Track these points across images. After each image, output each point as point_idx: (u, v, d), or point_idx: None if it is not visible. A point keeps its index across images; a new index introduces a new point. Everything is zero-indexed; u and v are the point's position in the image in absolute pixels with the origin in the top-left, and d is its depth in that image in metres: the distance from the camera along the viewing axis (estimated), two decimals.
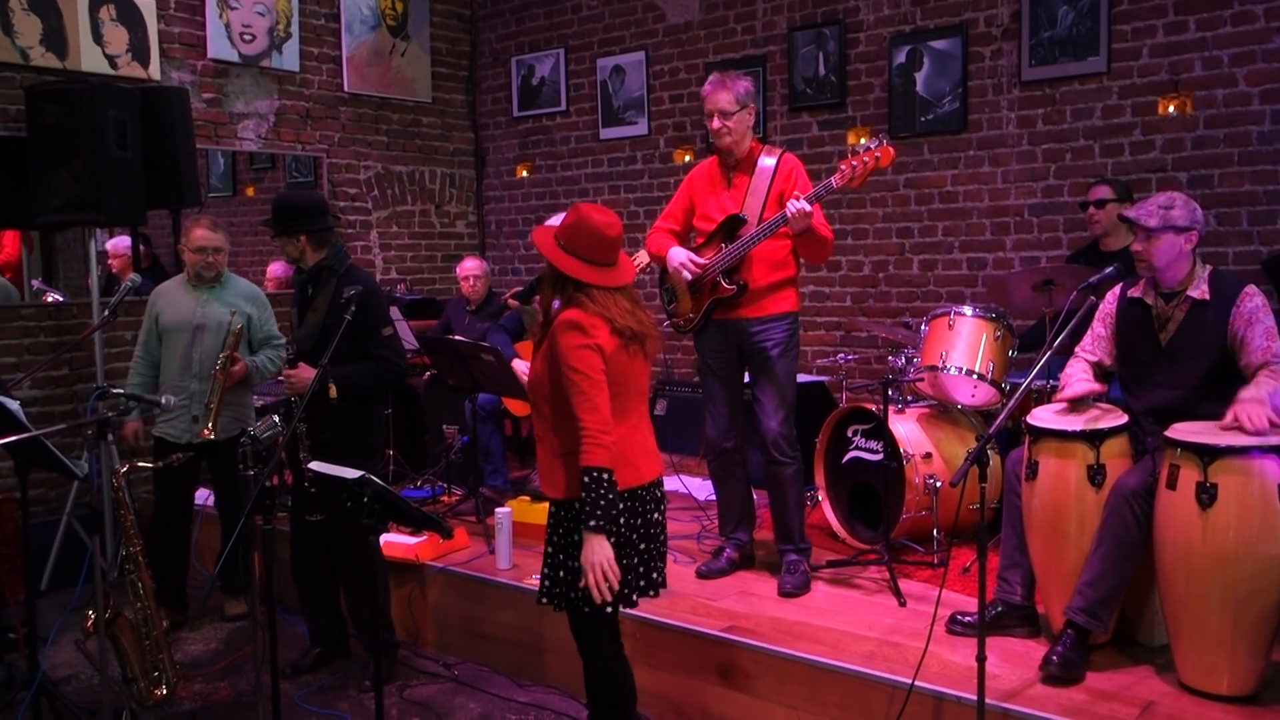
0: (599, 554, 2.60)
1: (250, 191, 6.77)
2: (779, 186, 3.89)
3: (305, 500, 3.85)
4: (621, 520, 2.73)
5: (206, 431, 4.30)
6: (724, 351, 4.04)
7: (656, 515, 2.83)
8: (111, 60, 5.68)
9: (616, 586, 2.63)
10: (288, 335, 4.18)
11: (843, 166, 3.71)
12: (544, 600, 2.86)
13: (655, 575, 2.86)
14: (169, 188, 5.17)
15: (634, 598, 2.80)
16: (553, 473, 2.80)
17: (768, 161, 3.94)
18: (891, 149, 3.67)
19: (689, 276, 3.94)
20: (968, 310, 4.33)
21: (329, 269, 3.87)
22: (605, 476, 2.59)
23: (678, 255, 3.97)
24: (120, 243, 6.03)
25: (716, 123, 3.89)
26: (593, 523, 2.60)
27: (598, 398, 2.64)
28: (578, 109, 7.12)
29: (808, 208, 3.65)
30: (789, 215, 3.67)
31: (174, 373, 4.55)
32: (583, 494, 2.60)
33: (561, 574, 2.81)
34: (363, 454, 3.86)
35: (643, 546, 2.80)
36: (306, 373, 3.75)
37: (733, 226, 3.93)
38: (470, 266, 5.83)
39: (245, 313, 4.55)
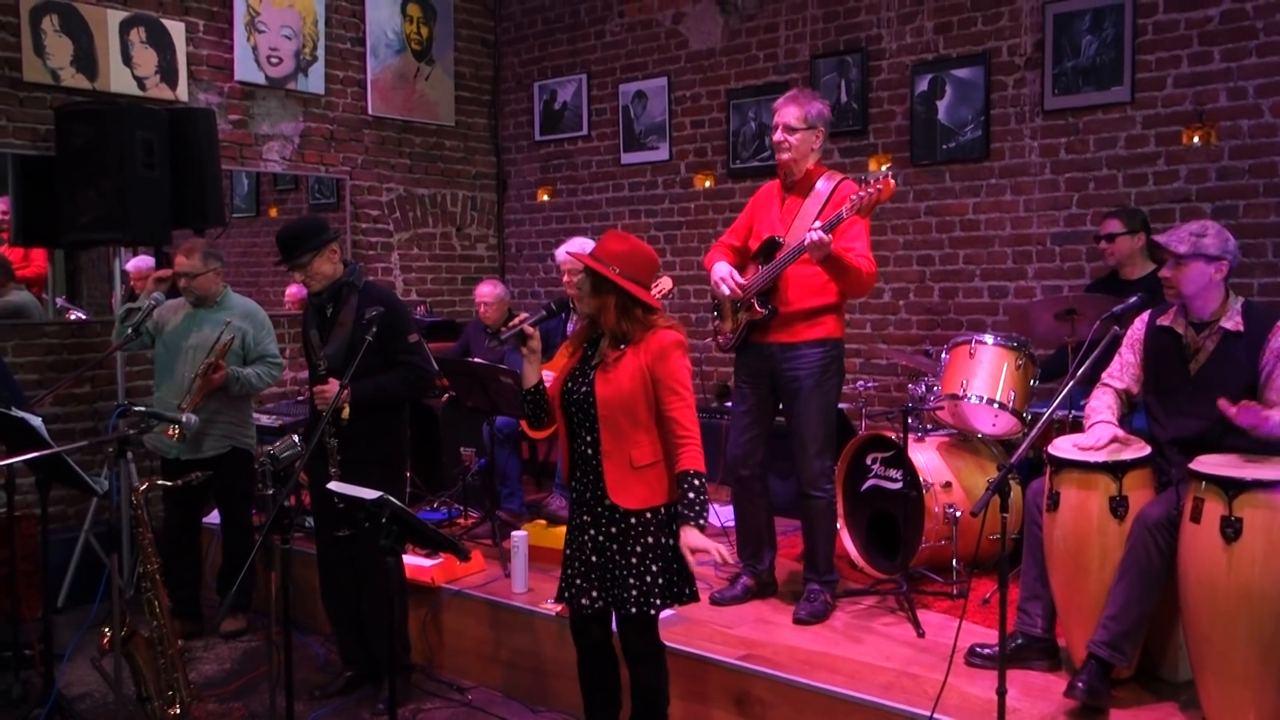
0: (702, 539, 2.87)
1: (273, 212, 6.84)
2: (830, 212, 3.80)
3: (333, 516, 3.84)
4: (668, 529, 2.97)
5: (171, 432, 4.31)
6: (757, 375, 4.00)
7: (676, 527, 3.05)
8: (140, 82, 5.74)
9: (727, 557, 2.91)
10: (295, 357, 4.22)
11: (852, 197, 3.68)
12: (636, 610, 2.97)
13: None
14: (194, 208, 5.22)
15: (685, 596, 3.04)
16: (631, 485, 2.93)
17: (824, 185, 3.89)
18: (892, 182, 3.63)
19: (726, 292, 3.91)
20: (989, 339, 4.32)
21: (348, 285, 3.90)
22: (704, 480, 2.90)
23: (719, 271, 3.96)
24: (142, 263, 6.04)
25: (779, 135, 3.86)
26: (702, 521, 2.88)
27: (695, 412, 2.97)
28: (599, 134, 7.15)
29: (825, 237, 3.59)
30: (806, 244, 3.64)
31: (168, 390, 4.58)
32: (689, 494, 2.87)
33: (651, 579, 2.95)
34: (388, 469, 3.89)
35: (671, 555, 3.00)
36: (337, 387, 3.76)
37: (770, 249, 3.91)
38: (485, 293, 5.85)
39: (239, 329, 4.59)
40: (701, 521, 2.88)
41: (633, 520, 2.96)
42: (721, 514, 5.05)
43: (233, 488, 4.68)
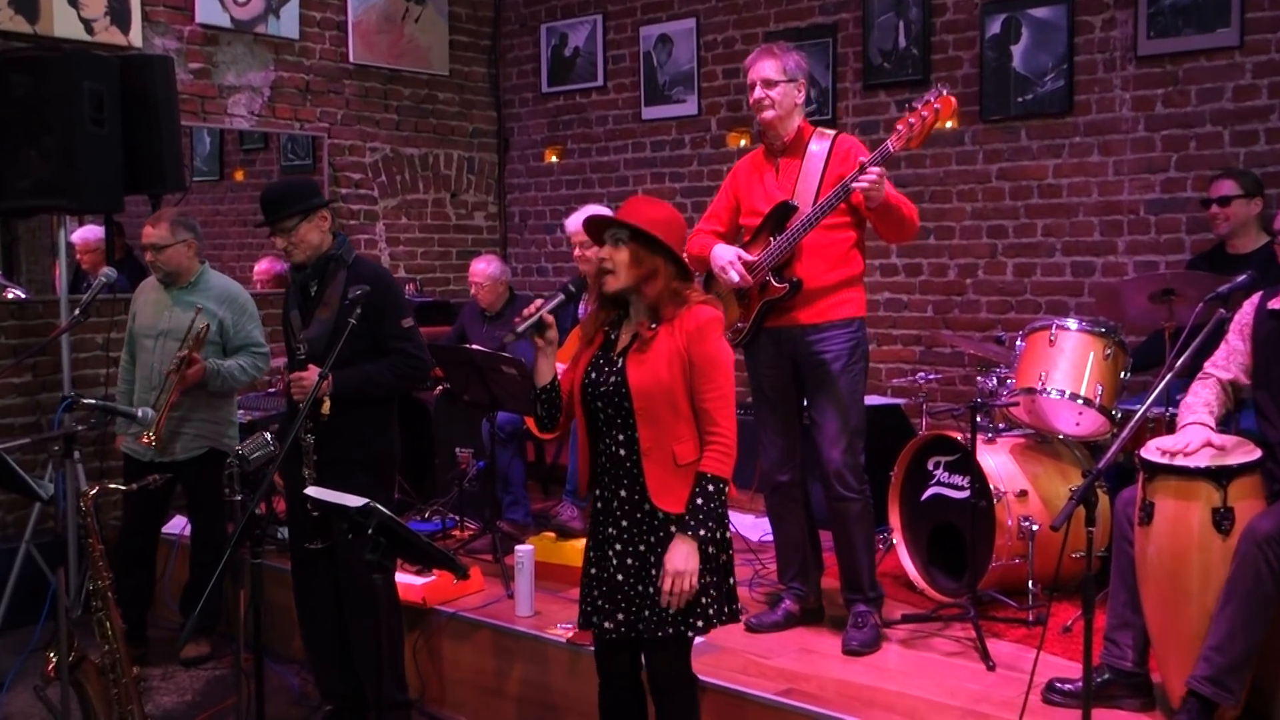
0: (692, 561, 2.92)
1: (239, 175, 6.78)
2: (835, 169, 3.90)
3: (307, 526, 3.84)
4: (718, 534, 3.03)
5: (147, 438, 4.34)
6: (777, 366, 4.04)
7: (727, 536, 3.12)
8: (88, 25, 5.72)
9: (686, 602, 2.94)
10: (278, 340, 4.23)
11: (899, 127, 3.72)
12: (674, 631, 3.00)
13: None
14: (149, 170, 5.22)
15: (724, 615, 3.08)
16: (675, 486, 2.97)
17: (819, 146, 3.96)
18: (952, 98, 3.64)
19: (735, 279, 3.92)
20: (1072, 324, 4.33)
21: (336, 260, 3.90)
22: (725, 490, 2.96)
23: (723, 254, 3.96)
24: (89, 234, 6.06)
25: (758, 92, 3.93)
26: (703, 531, 2.93)
27: (734, 407, 3.01)
28: (616, 85, 7.14)
29: (879, 174, 3.65)
30: (864, 188, 3.66)
31: (141, 383, 4.63)
32: (698, 500, 2.93)
33: (711, 590, 3.01)
34: (376, 474, 3.89)
35: (721, 565, 3.07)
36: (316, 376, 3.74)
37: (782, 216, 3.93)
38: (479, 271, 5.87)
39: (214, 315, 4.61)
40: (702, 533, 2.92)
41: (675, 528, 2.99)
42: (758, 527, 5.15)
43: (207, 495, 4.68)
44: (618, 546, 3.06)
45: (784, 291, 3.89)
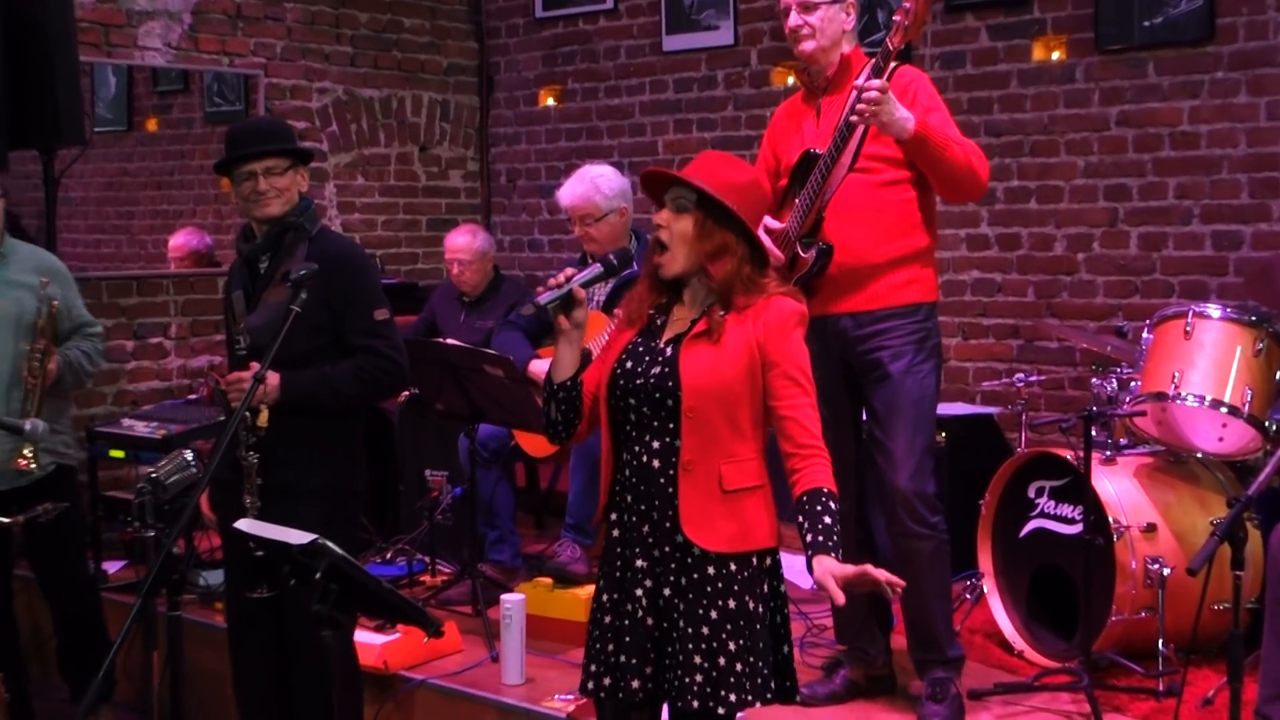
0: (843, 567, 2.82)
1: (152, 125, 6.76)
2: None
3: (248, 569, 3.78)
4: (761, 588, 3.01)
5: (24, 461, 4.33)
6: (824, 367, 3.92)
7: (782, 588, 3.12)
8: None
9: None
10: (186, 337, 4.17)
11: (896, 18, 3.67)
12: (699, 705, 2.97)
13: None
14: (39, 118, 5.22)
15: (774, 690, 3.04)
16: (716, 517, 2.97)
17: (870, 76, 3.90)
18: None
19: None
20: (1214, 311, 4.32)
21: (295, 230, 3.88)
22: (839, 503, 2.95)
23: None
24: None
25: (794, 19, 3.95)
26: (831, 544, 2.85)
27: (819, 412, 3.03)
28: (630, 7, 7.13)
29: (879, 85, 3.61)
30: (863, 112, 3.64)
31: None
32: (824, 519, 2.88)
33: (728, 660, 2.96)
34: (334, 505, 3.85)
35: (770, 628, 3.04)
36: (267, 376, 3.67)
37: (806, 168, 3.95)
38: (458, 245, 5.90)
39: (40, 293, 4.56)
40: (840, 553, 2.85)
41: (712, 570, 2.97)
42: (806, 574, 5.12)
43: (67, 526, 4.57)
44: (648, 584, 3.03)
45: (813, 263, 3.91)
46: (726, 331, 3.00)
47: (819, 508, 2.88)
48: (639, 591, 3.03)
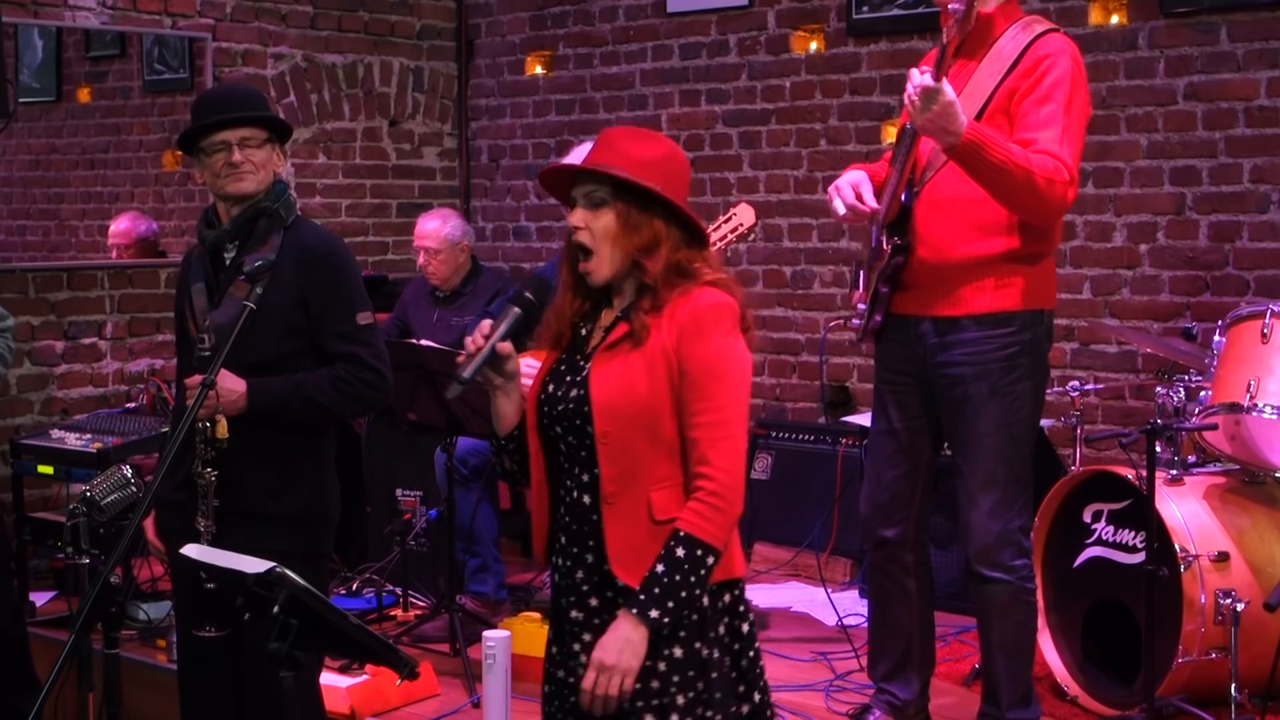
0: (634, 659, 2.75)
1: (84, 95, 6.76)
2: (1012, 84, 3.82)
3: (201, 604, 3.69)
4: (716, 630, 2.90)
5: None
6: (905, 371, 4.07)
7: (747, 628, 2.98)
8: None
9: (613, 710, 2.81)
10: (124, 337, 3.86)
11: (953, 5, 3.69)
12: None
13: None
14: None
15: None
16: (649, 552, 2.82)
17: (1012, 40, 3.86)
18: None
19: (841, 211, 3.93)
20: None
21: (269, 215, 3.78)
22: (710, 564, 2.79)
23: (839, 182, 3.98)
24: None
25: None
26: (657, 613, 2.75)
27: (744, 440, 2.82)
28: None
29: (933, 84, 3.55)
30: (918, 119, 3.64)
31: None
32: (659, 568, 2.77)
33: (706, 711, 2.87)
34: (302, 533, 3.80)
35: (733, 675, 2.93)
36: (232, 383, 3.61)
37: (903, 144, 4.00)
38: (429, 231, 5.95)
39: None
40: (655, 614, 2.75)
41: (623, 601, 2.86)
42: (843, 603, 5.27)
43: None
44: (586, 637, 2.91)
45: (890, 260, 3.92)
46: (650, 336, 2.89)
47: (663, 553, 2.79)
48: (577, 646, 2.96)
